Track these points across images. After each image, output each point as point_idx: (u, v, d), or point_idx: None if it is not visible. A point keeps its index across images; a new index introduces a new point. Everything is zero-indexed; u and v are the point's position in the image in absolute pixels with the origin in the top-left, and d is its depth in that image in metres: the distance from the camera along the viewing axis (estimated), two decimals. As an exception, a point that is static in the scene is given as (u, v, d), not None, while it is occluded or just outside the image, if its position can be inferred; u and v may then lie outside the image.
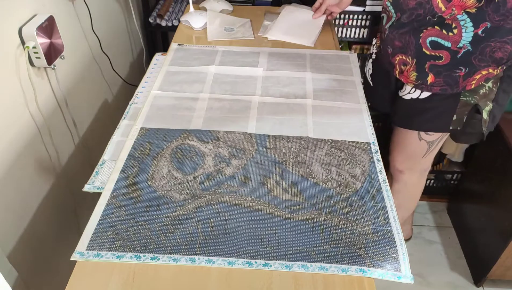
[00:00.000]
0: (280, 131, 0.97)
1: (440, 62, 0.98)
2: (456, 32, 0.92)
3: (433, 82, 1.02)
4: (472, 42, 0.92)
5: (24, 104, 0.97)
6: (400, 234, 0.75)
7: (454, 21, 0.91)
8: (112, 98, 1.53)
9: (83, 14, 1.25)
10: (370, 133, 0.98)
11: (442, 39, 0.95)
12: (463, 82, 0.99)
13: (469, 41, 0.92)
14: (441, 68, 0.99)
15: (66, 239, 1.17)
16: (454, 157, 1.67)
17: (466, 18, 0.90)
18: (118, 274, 0.69)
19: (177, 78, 1.15)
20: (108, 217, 0.77)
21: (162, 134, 0.95)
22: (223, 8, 1.50)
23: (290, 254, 0.72)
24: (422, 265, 1.56)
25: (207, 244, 0.73)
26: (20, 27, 0.94)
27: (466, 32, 0.91)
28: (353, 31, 1.58)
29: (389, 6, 1.02)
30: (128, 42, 1.70)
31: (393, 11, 1.02)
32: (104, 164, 0.89)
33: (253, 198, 0.81)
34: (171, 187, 0.83)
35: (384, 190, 0.84)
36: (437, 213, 1.77)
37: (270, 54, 1.27)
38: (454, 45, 0.94)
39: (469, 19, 0.90)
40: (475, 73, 0.97)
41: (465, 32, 0.92)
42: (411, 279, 0.69)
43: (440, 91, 1.03)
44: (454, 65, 0.97)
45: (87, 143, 1.31)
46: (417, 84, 1.06)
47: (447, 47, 0.95)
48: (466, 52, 0.94)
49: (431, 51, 0.98)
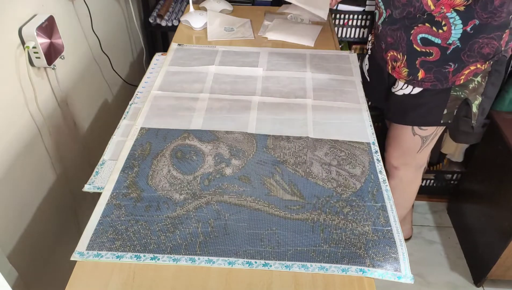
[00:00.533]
0: (280, 131, 0.97)
1: (430, 58, 1.00)
2: (446, 29, 0.94)
3: (423, 78, 1.04)
4: (461, 38, 0.95)
5: (24, 104, 0.97)
6: (400, 234, 0.76)
7: (444, 19, 0.93)
8: (112, 98, 1.53)
9: (83, 14, 1.25)
10: (370, 133, 0.98)
11: (432, 36, 0.97)
12: (452, 77, 1.02)
13: (458, 37, 0.95)
14: (432, 64, 1.01)
15: (66, 239, 1.17)
16: (454, 157, 1.67)
17: (455, 16, 0.92)
18: (118, 274, 0.69)
19: (177, 78, 1.15)
20: (108, 217, 0.77)
21: (162, 134, 0.95)
22: (223, 8, 1.50)
23: (290, 254, 0.72)
24: (422, 265, 1.56)
25: (207, 244, 0.73)
26: (20, 27, 0.94)
27: (455, 29, 0.94)
28: (353, 31, 1.59)
29: (380, 2, 1.04)
30: (128, 42, 1.70)
31: (383, 7, 1.04)
32: (104, 164, 0.89)
33: (253, 198, 0.81)
34: (171, 187, 0.83)
35: (384, 190, 0.84)
36: (437, 213, 1.77)
37: (270, 54, 1.27)
38: (444, 41, 0.96)
39: (458, 17, 0.92)
40: (464, 68, 1.00)
41: (454, 29, 0.94)
42: (411, 279, 0.69)
43: (431, 87, 1.05)
44: (444, 61, 1.00)
45: (87, 143, 1.31)
46: (408, 80, 1.08)
47: (437, 44, 0.97)
48: (455, 48, 0.96)
49: (421, 47, 1.00)
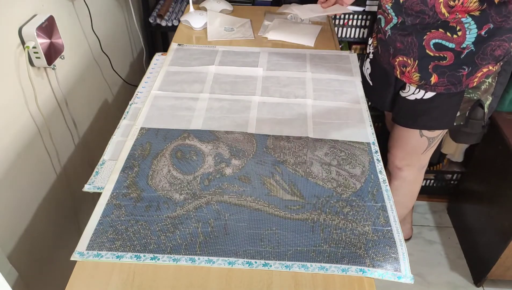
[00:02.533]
0: (280, 131, 0.97)
1: (444, 63, 0.99)
2: (460, 34, 0.93)
3: (436, 82, 1.04)
4: (475, 42, 0.94)
5: (24, 104, 0.97)
6: (400, 234, 0.76)
7: (459, 24, 0.92)
8: (112, 98, 1.52)
9: (83, 14, 1.25)
10: (370, 133, 0.98)
11: (446, 41, 0.96)
12: (466, 80, 1.01)
13: (473, 41, 0.94)
14: (445, 68, 1.01)
15: (66, 239, 1.17)
16: (454, 157, 1.67)
17: (470, 20, 0.91)
18: (118, 274, 0.69)
19: (177, 78, 1.15)
20: (108, 217, 0.77)
21: (162, 134, 0.95)
22: (223, 8, 1.50)
23: (290, 254, 0.72)
24: (422, 265, 1.56)
25: (207, 244, 0.73)
26: (20, 27, 0.93)
27: (470, 34, 0.93)
28: (353, 31, 1.59)
29: (389, 9, 1.02)
30: (128, 42, 1.70)
31: (393, 14, 1.02)
32: (104, 164, 0.89)
33: (253, 198, 0.81)
34: (171, 187, 0.83)
35: (384, 190, 0.84)
36: (437, 213, 1.77)
37: (270, 54, 1.27)
38: (458, 46, 0.96)
39: (473, 22, 0.91)
40: (477, 71, 0.99)
41: (469, 34, 0.93)
42: (411, 279, 0.69)
43: (445, 91, 1.04)
44: (458, 65, 0.99)
45: (87, 143, 1.31)
46: (420, 85, 1.07)
47: (451, 48, 0.97)
48: (470, 52, 0.96)
49: (435, 52, 0.99)
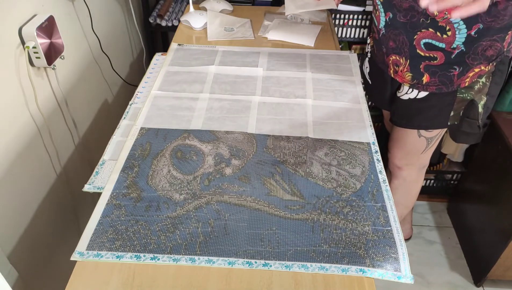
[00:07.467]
0: (280, 131, 0.97)
1: (434, 63, 1.00)
2: (450, 34, 0.94)
3: (428, 82, 1.04)
4: (465, 42, 0.94)
5: (24, 104, 0.97)
6: (400, 234, 0.76)
7: (448, 24, 0.93)
8: (112, 98, 1.53)
9: (83, 14, 1.25)
10: (370, 133, 0.98)
11: (437, 40, 0.96)
12: (457, 80, 1.01)
13: (463, 42, 0.94)
14: (436, 68, 1.01)
15: (66, 239, 1.17)
16: (454, 157, 1.67)
17: (459, 20, 0.91)
18: (118, 274, 0.69)
19: (177, 78, 1.15)
20: (108, 217, 0.77)
21: (162, 134, 0.95)
22: (223, 8, 1.50)
23: (290, 254, 0.72)
24: (422, 265, 1.56)
25: (207, 244, 0.73)
26: (20, 27, 0.94)
27: (459, 34, 0.93)
28: (353, 31, 1.59)
29: (379, 4, 1.03)
30: (128, 42, 1.70)
31: (382, 10, 1.02)
32: (104, 164, 0.89)
33: (253, 198, 0.81)
34: (171, 187, 0.83)
35: (384, 190, 0.84)
36: (437, 213, 1.77)
37: (270, 54, 1.27)
38: (448, 46, 0.96)
39: (462, 22, 0.91)
40: (468, 71, 1.00)
41: (458, 34, 0.93)
42: (411, 279, 0.69)
43: (436, 90, 1.05)
44: (449, 64, 0.99)
45: (87, 143, 1.31)
46: (413, 84, 1.07)
47: (441, 48, 0.97)
48: (460, 52, 0.96)
49: (425, 52, 0.99)
